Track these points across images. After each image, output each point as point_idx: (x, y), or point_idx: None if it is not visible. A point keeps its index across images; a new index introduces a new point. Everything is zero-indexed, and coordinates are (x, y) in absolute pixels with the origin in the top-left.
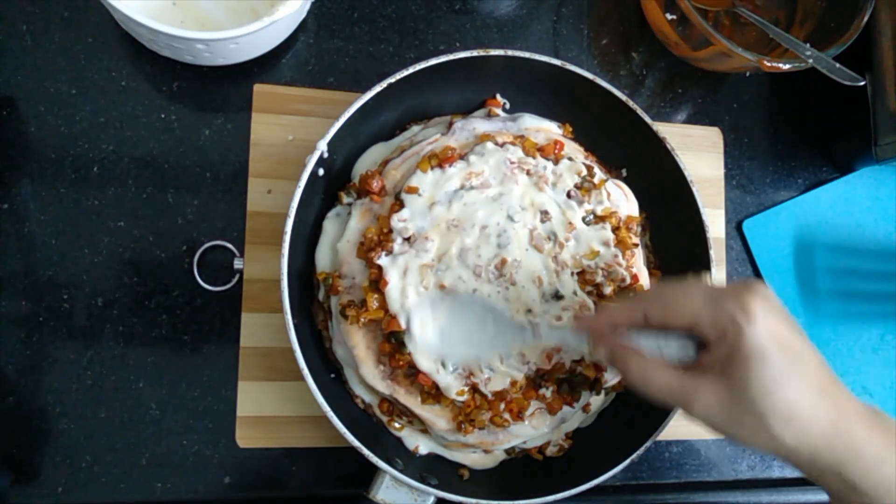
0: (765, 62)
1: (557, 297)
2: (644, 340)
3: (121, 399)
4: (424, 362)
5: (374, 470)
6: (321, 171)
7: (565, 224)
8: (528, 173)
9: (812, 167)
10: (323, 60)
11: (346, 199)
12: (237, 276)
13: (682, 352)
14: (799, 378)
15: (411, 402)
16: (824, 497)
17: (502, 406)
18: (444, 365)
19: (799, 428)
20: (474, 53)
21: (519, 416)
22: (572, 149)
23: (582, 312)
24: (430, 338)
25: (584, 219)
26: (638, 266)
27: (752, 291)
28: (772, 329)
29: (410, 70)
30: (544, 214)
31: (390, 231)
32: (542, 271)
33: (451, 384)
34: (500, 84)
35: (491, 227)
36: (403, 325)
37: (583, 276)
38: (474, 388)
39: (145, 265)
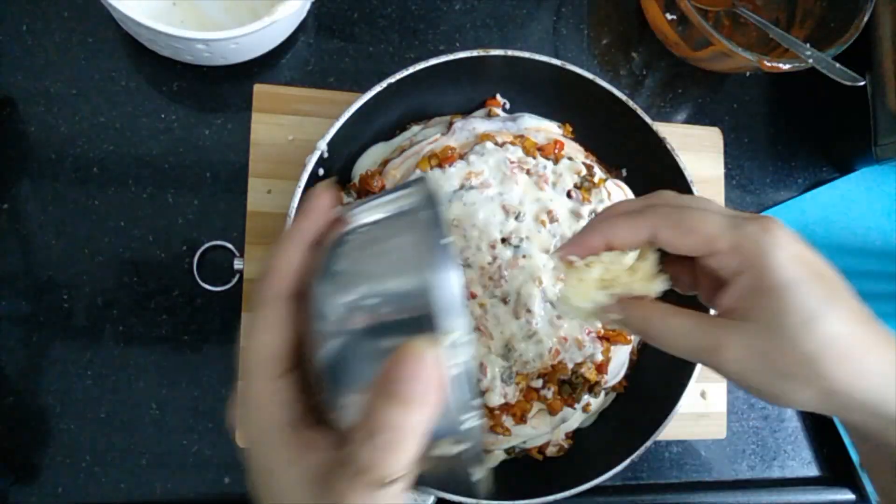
0: (765, 62)
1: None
2: None
3: (121, 399)
4: None
5: None
6: (321, 171)
7: (572, 225)
8: (528, 173)
9: (812, 167)
10: (323, 60)
11: (346, 199)
12: (237, 277)
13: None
14: (841, 308)
15: None
16: (824, 497)
17: (504, 417)
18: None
19: (853, 367)
20: (474, 53)
21: (522, 419)
22: (572, 149)
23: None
24: None
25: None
26: None
27: (772, 219)
28: (800, 254)
29: (410, 70)
30: (550, 214)
31: None
32: (542, 271)
33: None
34: (500, 84)
35: (495, 225)
36: None
37: None
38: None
39: (145, 265)
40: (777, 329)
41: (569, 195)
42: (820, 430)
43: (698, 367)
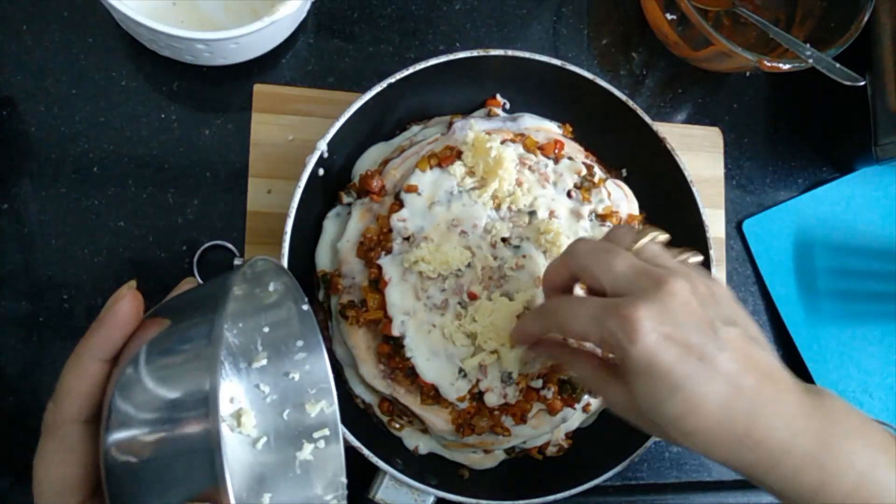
0: (765, 62)
1: None
2: None
3: None
4: (427, 371)
5: (374, 470)
6: (321, 171)
7: (572, 225)
8: (529, 169)
9: (812, 167)
10: (323, 60)
11: (346, 199)
12: None
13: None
14: (701, 388)
15: (411, 401)
16: None
17: (504, 417)
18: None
19: (702, 439)
20: (474, 53)
21: (522, 419)
22: (572, 148)
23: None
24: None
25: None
26: None
27: (641, 302)
28: (666, 338)
29: (410, 70)
30: (551, 214)
31: (390, 231)
32: (543, 271)
33: (452, 389)
34: (500, 84)
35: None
36: (397, 332)
37: None
38: (477, 395)
39: (145, 265)
40: (638, 401)
41: (569, 195)
42: None
43: None
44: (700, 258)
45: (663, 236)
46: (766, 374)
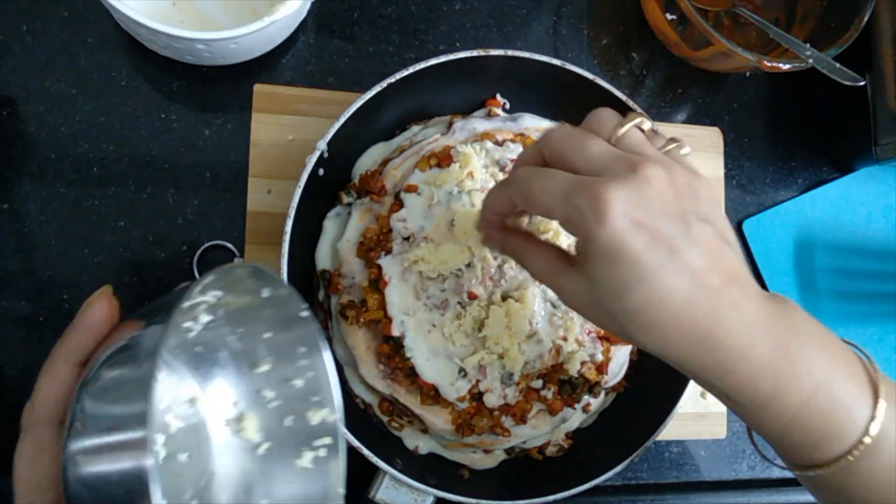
0: (765, 62)
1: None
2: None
3: None
4: (426, 371)
5: (374, 470)
6: (321, 171)
7: None
8: None
9: (812, 167)
10: (323, 60)
11: (346, 199)
12: None
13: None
14: (666, 281)
15: (411, 401)
16: None
17: (503, 417)
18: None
19: (660, 335)
20: (474, 53)
21: (522, 419)
22: None
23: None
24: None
25: None
26: None
27: (614, 183)
28: (636, 223)
29: (410, 70)
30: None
31: (390, 231)
32: None
33: (452, 389)
34: (500, 84)
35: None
36: (397, 332)
37: None
38: (477, 395)
39: (145, 265)
40: (598, 290)
41: None
42: None
43: None
44: (688, 150)
45: (647, 123)
46: (733, 277)
